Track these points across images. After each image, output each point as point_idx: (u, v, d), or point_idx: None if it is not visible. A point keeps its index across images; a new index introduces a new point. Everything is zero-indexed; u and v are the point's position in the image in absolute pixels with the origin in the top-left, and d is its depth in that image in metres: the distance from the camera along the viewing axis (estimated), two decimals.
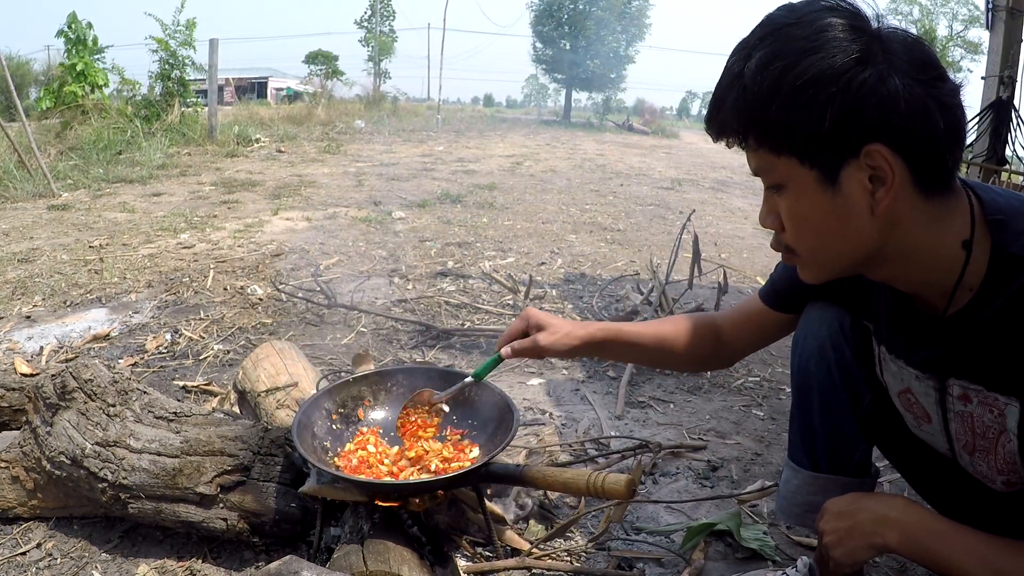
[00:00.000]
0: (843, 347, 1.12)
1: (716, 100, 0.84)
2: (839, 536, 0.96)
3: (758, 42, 0.79)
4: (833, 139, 0.76)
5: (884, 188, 0.78)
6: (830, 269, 0.88)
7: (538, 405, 2.23)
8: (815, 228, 0.84)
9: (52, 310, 3.02)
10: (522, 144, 13.65)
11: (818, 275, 0.90)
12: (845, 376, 1.13)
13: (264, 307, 3.10)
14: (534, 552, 1.41)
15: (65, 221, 4.85)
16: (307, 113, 15.07)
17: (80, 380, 1.47)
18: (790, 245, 0.88)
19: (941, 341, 0.89)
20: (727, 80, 0.82)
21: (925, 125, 0.75)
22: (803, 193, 0.82)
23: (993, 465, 0.93)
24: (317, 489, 1.29)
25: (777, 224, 0.88)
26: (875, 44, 0.76)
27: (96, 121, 9.18)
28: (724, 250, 4.82)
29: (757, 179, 0.88)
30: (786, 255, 0.91)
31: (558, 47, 30.97)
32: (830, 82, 0.74)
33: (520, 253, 4.37)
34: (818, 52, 0.75)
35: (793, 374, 1.20)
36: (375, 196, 6.27)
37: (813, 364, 1.15)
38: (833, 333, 1.13)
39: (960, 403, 0.92)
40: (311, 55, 30.88)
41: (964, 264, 0.82)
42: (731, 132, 0.83)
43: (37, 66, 19.59)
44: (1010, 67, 4.76)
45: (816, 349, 1.14)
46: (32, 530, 1.47)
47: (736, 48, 0.82)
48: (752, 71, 0.78)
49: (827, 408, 1.15)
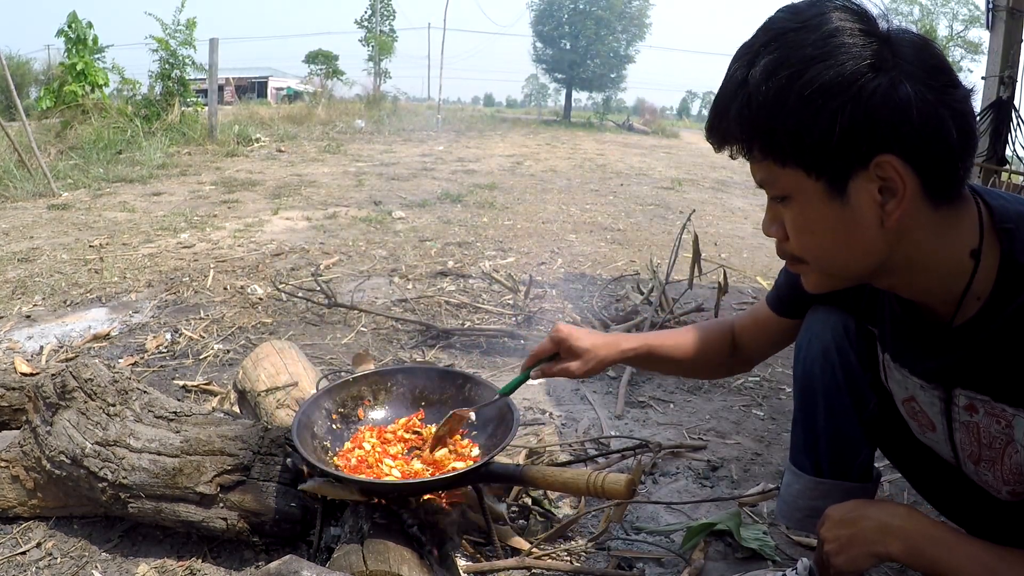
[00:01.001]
0: (847, 350, 1.11)
1: (718, 109, 0.80)
2: (841, 544, 0.95)
3: (762, 48, 0.75)
4: (842, 150, 0.73)
5: (895, 200, 0.75)
6: (836, 280, 0.86)
7: (538, 405, 2.23)
8: (821, 240, 0.81)
9: (52, 309, 3.02)
10: (522, 144, 13.64)
11: (823, 285, 0.88)
12: (849, 379, 1.12)
13: (264, 307, 3.10)
14: (534, 552, 1.41)
15: (65, 221, 4.85)
16: (307, 113, 15.06)
17: (80, 379, 1.47)
18: (795, 255, 0.86)
19: (948, 351, 0.87)
20: (730, 88, 0.78)
21: (937, 134, 0.72)
22: (809, 205, 0.79)
23: (999, 475, 0.92)
24: (317, 487, 1.29)
25: (781, 234, 0.85)
26: (885, 49, 0.73)
27: (96, 121, 9.18)
28: (724, 250, 4.82)
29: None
30: (791, 263, 0.88)
31: (558, 47, 30.98)
32: (840, 91, 0.71)
33: (520, 253, 4.37)
34: (826, 59, 0.71)
35: (796, 377, 1.19)
36: (375, 196, 6.27)
37: (817, 367, 1.14)
38: (837, 336, 1.11)
39: (966, 413, 0.90)
40: (311, 55, 30.86)
41: (972, 273, 0.80)
42: (734, 142, 0.80)
43: (37, 66, 19.58)
44: (1010, 67, 4.75)
45: (820, 352, 1.13)
46: (32, 529, 1.47)
47: (738, 53, 0.78)
48: (757, 79, 0.74)
49: (831, 412, 1.14)
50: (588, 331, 1.27)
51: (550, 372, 1.27)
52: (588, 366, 1.23)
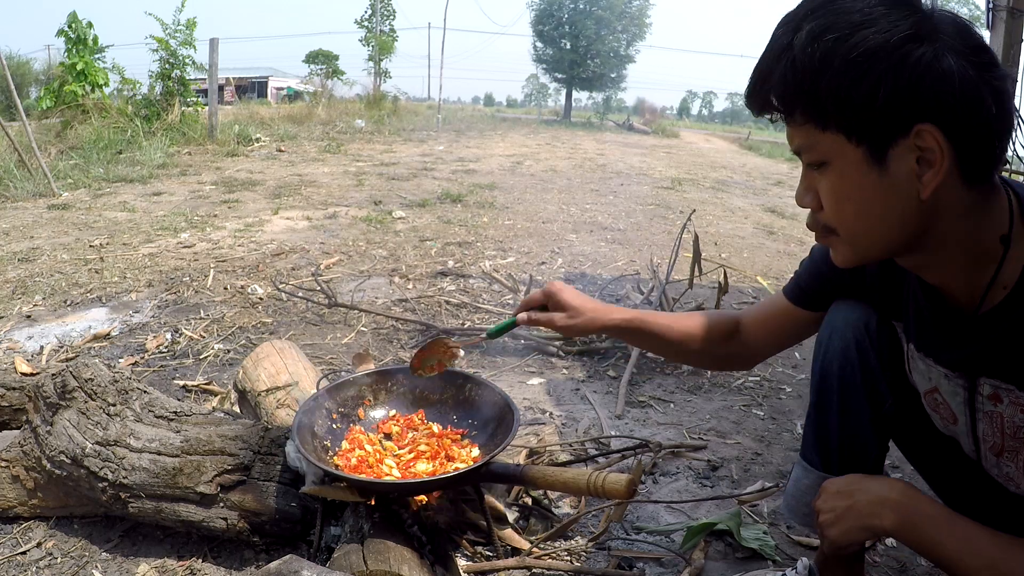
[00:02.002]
0: (868, 349, 1.10)
1: (761, 73, 0.81)
2: (836, 515, 0.95)
3: (808, 14, 0.77)
4: (885, 115, 0.74)
5: (932, 171, 0.75)
6: (867, 251, 0.86)
7: (538, 405, 2.23)
8: (857, 208, 0.81)
9: (52, 309, 3.02)
10: (522, 144, 13.64)
11: (854, 257, 0.87)
12: (868, 379, 1.11)
13: (264, 306, 3.10)
14: (534, 552, 1.41)
15: (65, 220, 4.85)
16: (307, 113, 15.06)
17: (80, 379, 1.47)
18: (829, 224, 0.85)
19: (973, 339, 0.87)
20: (774, 52, 0.79)
21: (977, 109, 0.73)
22: (847, 171, 0.79)
23: (1022, 466, 0.92)
24: (318, 489, 1.29)
25: (815, 203, 0.85)
26: (927, 22, 0.74)
27: (96, 120, 9.18)
28: (724, 250, 4.82)
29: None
30: (821, 235, 0.88)
31: (558, 47, 30.99)
32: (885, 56, 0.72)
33: (520, 252, 4.37)
34: (872, 26, 0.73)
35: (814, 372, 1.17)
36: (375, 195, 6.27)
37: (836, 364, 1.12)
38: (859, 334, 1.10)
39: (990, 403, 0.90)
40: (311, 54, 30.89)
41: (1001, 259, 0.80)
42: (776, 106, 0.81)
43: (37, 65, 19.61)
44: (1010, 67, 4.75)
45: (840, 349, 1.11)
46: (32, 529, 1.47)
47: (782, 21, 0.80)
48: (802, 42, 0.75)
49: (846, 409, 1.13)
50: (582, 294, 1.27)
51: (536, 319, 1.27)
52: (573, 321, 1.23)
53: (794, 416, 2.24)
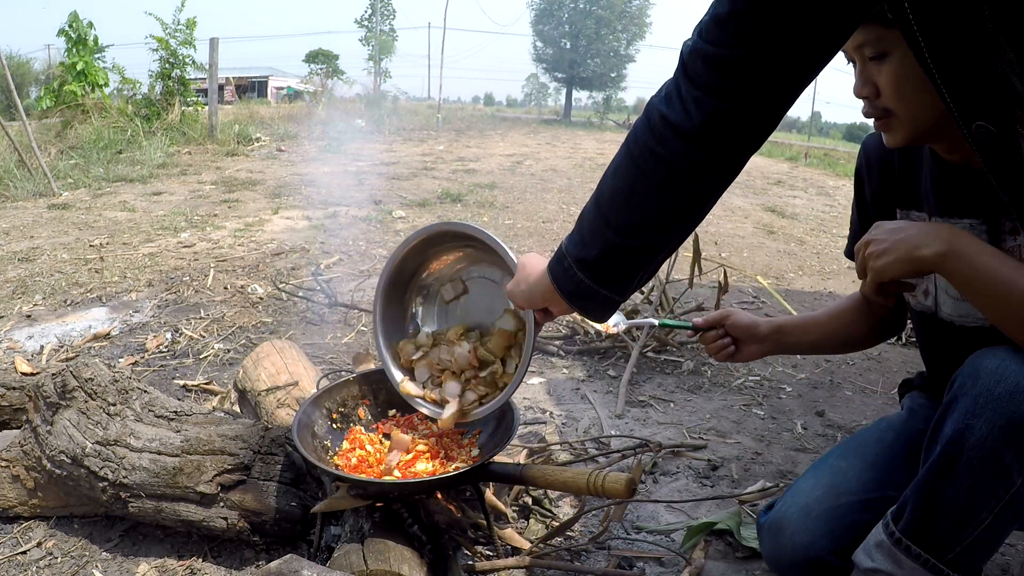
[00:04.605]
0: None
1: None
2: (885, 246, 0.97)
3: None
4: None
5: None
6: (922, 126, 1.01)
7: (538, 404, 2.23)
8: (915, 84, 0.95)
9: (52, 309, 3.02)
10: (522, 143, 13.65)
11: (910, 133, 1.02)
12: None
13: (264, 306, 3.10)
14: (534, 551, 1.41)
15: (65, 220, 4.85)
16: (307, 112, 15.06)
17: (80, 379, 1.47)
18: (888, 107, 1.01)
19: (992, 189, 0.92)
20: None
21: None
22: (908, 58, 0.90)
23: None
24: (329, 503, 1.28)
25: (873, 92, 1.01)
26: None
27: (96, 120, 9.18)
28: (724, 249, 4.82)
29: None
30: (880, 122, 1.04)
31: (558, 46, 30.99)
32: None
33: (521, 252, 4.36)
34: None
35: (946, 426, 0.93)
36: (375, 195, 6.27)
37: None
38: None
39: (1011, 238, 1.02)
40: (311, 54, 30.91)
41: None
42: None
43: (37, 65, 19.61)
44: None
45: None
46: (32, 529, 1.47)
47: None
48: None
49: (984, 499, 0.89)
50: (749, 315, 1.38)
51: (715, 349, 1.38)
52: (743, 357, 1.38)
53: (794, 416, 2.24)
